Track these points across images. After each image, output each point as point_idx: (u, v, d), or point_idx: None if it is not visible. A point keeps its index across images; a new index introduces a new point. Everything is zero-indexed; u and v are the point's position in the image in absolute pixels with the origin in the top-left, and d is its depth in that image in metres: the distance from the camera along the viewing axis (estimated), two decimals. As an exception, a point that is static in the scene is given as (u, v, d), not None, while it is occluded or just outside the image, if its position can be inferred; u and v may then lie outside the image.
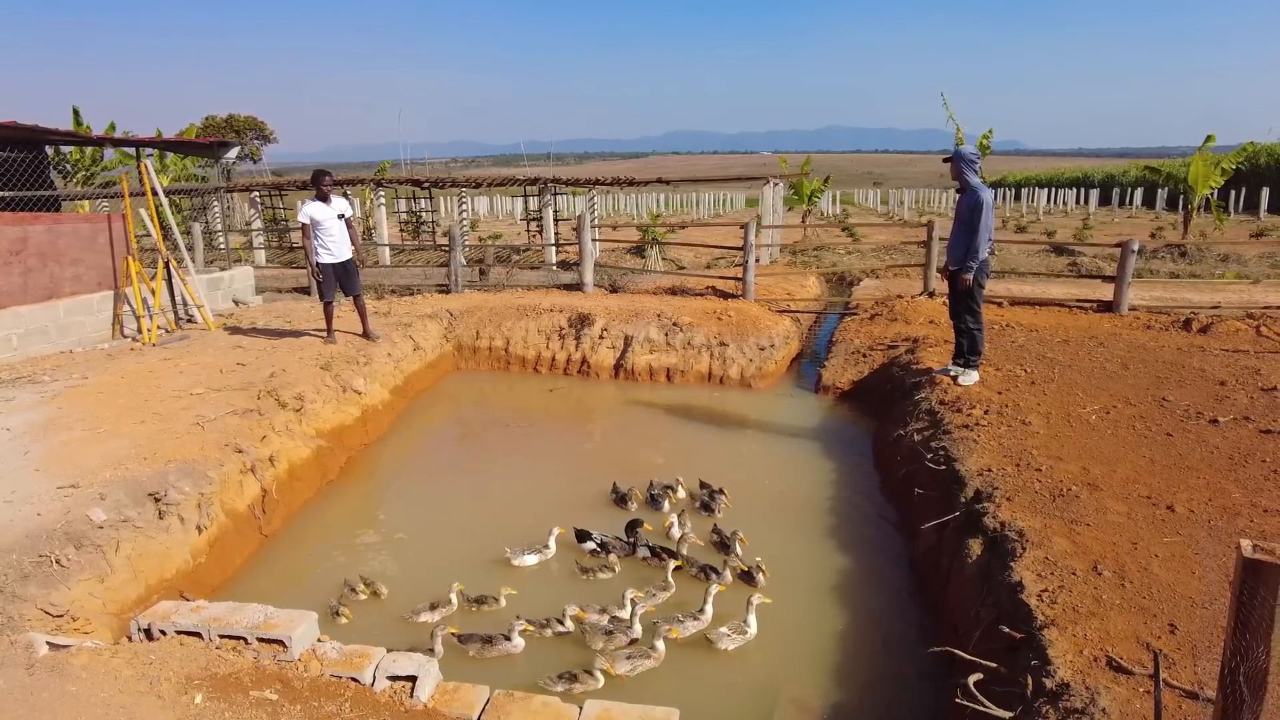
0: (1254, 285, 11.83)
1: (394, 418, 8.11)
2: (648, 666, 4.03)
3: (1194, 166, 17.21)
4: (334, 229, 8.28)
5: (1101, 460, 5.06)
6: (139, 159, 9.79)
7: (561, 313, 10.11)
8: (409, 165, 26.09)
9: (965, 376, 6.92)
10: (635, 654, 4.07)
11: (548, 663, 4.08)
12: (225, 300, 11.18)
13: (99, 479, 4.91)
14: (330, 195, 8.30)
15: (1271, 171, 35.47)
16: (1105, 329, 8.93)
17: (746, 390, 9.04)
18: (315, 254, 8.26)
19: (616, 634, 4.21)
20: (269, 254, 18.01)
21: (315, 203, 8.24)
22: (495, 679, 3.60)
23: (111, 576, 4.30)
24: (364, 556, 5.37)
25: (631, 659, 4.03)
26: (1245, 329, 8.65)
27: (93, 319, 8.98)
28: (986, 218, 6.38)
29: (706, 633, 4.27)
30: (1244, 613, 1.70)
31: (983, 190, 6.42)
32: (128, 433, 5.72)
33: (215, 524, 5.13)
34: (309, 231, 8.22)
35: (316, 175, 8.40)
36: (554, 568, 5.13)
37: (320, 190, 8.24)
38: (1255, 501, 4.40)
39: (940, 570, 4.66)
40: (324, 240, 8.25)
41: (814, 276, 14.14)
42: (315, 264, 8.28)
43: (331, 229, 8.26)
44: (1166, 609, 3.41)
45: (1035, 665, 3.19)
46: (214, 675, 3.36)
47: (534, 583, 4.93)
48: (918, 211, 36.56)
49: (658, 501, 5.89)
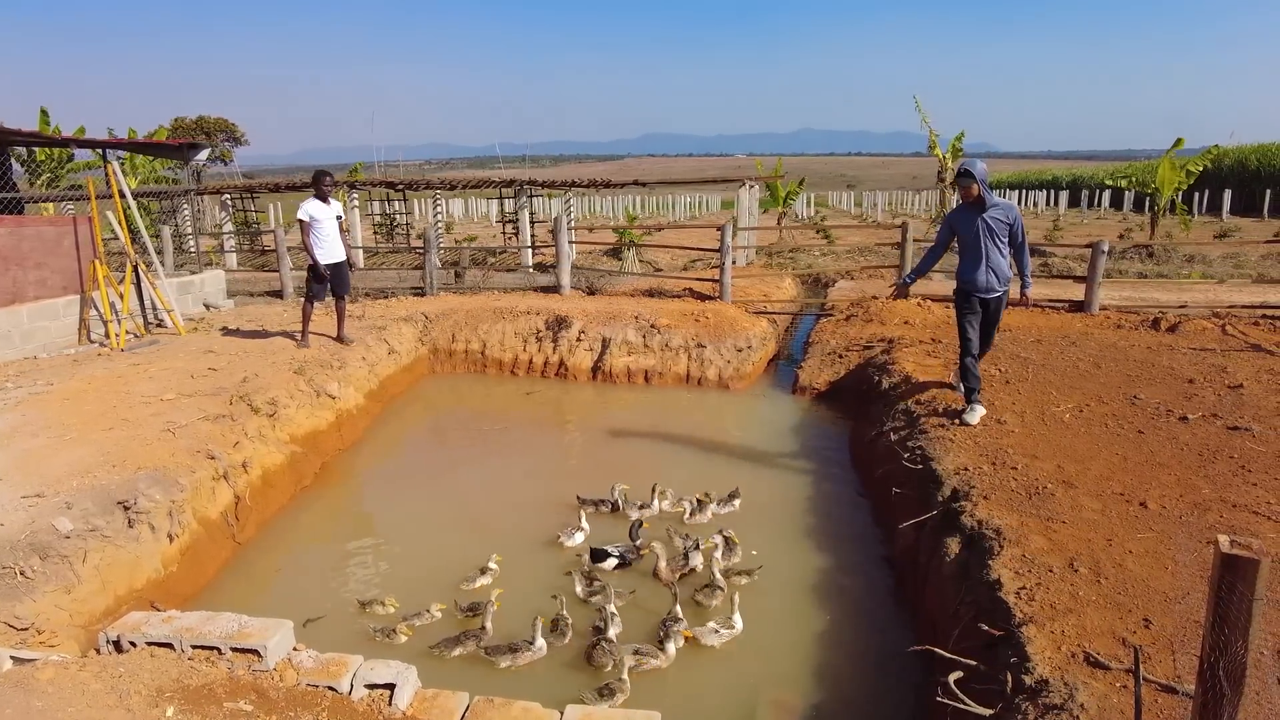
0: (1219, 285, 12.07)
1: (369, 422, 8.02)
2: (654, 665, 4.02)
3: (1161, 169, 17.54)
4: (330, 230, 8.41)
5: (1076, 458, 5.12)
6: (106, 161, 9.60)
7: (538, 315, 10.07)
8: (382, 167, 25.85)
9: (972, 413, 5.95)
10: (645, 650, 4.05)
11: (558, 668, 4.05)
12: (196, 304, 10.99)
13: (65, 487, 4.79)
14: (329, 196, 8.42)
15: (1234, 174, 36.27)
16: (1077, 328, 9.06)
17: (724, 391, 9.06)
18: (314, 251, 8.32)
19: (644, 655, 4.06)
20: (240, 257, 17.76)
21: (316, 201, 8.33)
22: (474, 686, 3.56)
23: (79, 587, 4.20)
24: (341, 563, 5.30)
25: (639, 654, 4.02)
26: (1211, 328, 8.82)
27: (58, 324, 8.78)
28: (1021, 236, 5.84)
29: (694, 629, 4.25)
30: (1222, 607, 1.72)
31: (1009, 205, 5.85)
32: (95, 440, 5.60)
33: (187, 532, 5.04)
34: (308, 229, 8.27)
35: (318, 175, 8.51)
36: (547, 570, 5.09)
37: (320, 190, 8.35)
38: (1224, 497, 4.48)
39: (919, 569, 4.69)
40: (320, 240, 8.33)
41: (790, 278, 14.21)
42: (315, 261, 8.33)
43: (328, 229, 8.39)
44: (1141, 604, 3.45)
45: (1014, 662, 3.22)
46: (186, 687, 3.29)
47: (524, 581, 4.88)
48: (891, 213, 36.87)
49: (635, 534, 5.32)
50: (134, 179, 18.35)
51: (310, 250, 8.32)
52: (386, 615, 4.54)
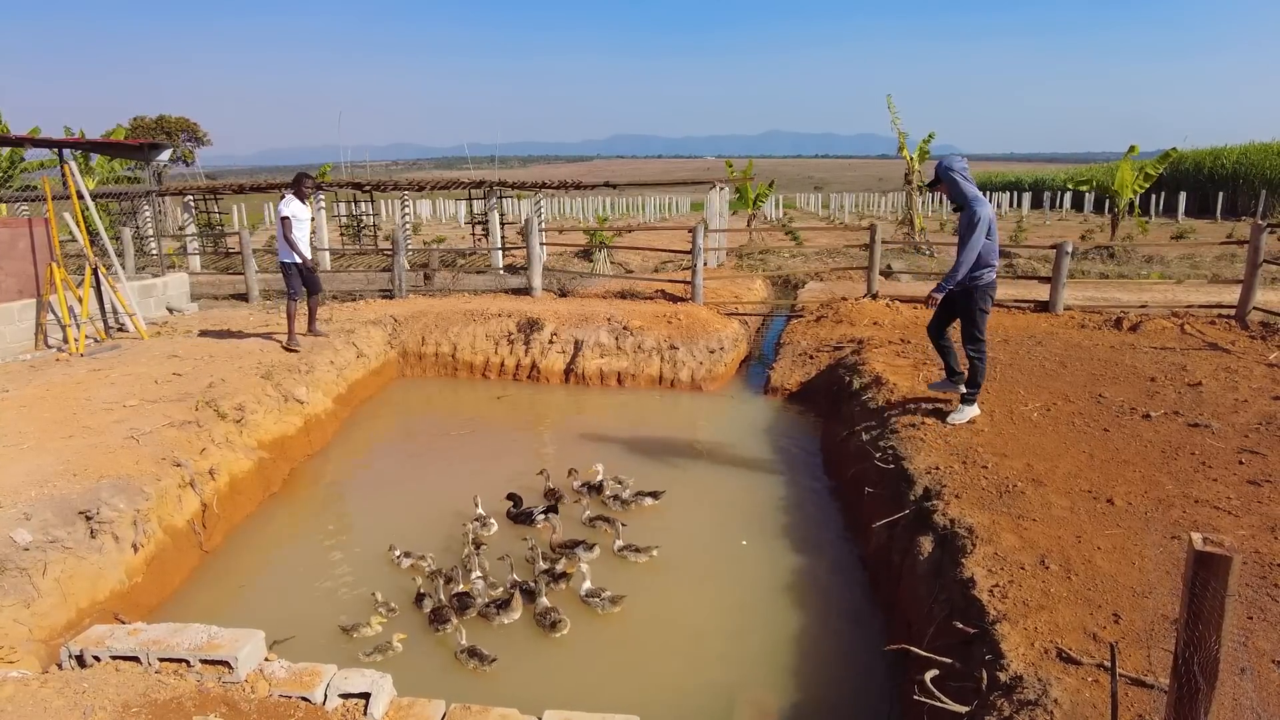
0: (1177, 285, 12.38)
1: (337, 427, 7.91)
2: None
3: (1120, 173, 17.95)
4: (307, 230, 8.62)
5: (1044, 456, 5.20)
6: (62, 161, 9.35)
7: (510, 317, 10.00)
8: (349, 168, 25.50)
9: (959, 414, 5.92)
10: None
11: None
12: (159, 308, 10.75)
13: (23, 498, 4.65)
14: (307, 198, 8.61)
15: (1189, 176, 37.25)
16: (1042, 328, 9.22)
17: (697, 393, 9.08)
18: (292, 250, 8.44)
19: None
20: (204, 260, 17.42)
21: (297, 201, 8.47)
22: (451, 692, 3.51)
23: (39, 601, 4.08)
24: (311, 570, 5.21)
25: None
26: (1171, 327, 9.03)
27: (13, 329, 8.52)
28: (979, 233, 5.38)
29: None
30: (1196, 604, 1.75)
31: (980, 204, 5.44)
32: (54, 448, 5.45)
33: (152, 541, 4.92)
34: (290, 225, 8.36)
35: (299, 177, 8.63)
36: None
37: (301, 191, 8.49)
38: (1187, 493, 4.58)
39: (892, 568, 4.73)
40: (299, 238, 8.47)
41: (760, 280, 14.28)
42: (293, 260, 8.47)
43: (306, 229, 8.60)
44: (1110, 599, 3.51)
45: (989, 659, 3.26)
46: (153, 702, 3.21)
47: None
48: (858, 215, 37.28)
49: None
50: (92, 180, 17.90)
51: (294, 247, 8.41)
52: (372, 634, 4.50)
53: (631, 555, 5.22)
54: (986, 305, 5.68)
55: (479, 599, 4.67)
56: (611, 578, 4.93)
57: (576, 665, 4.26)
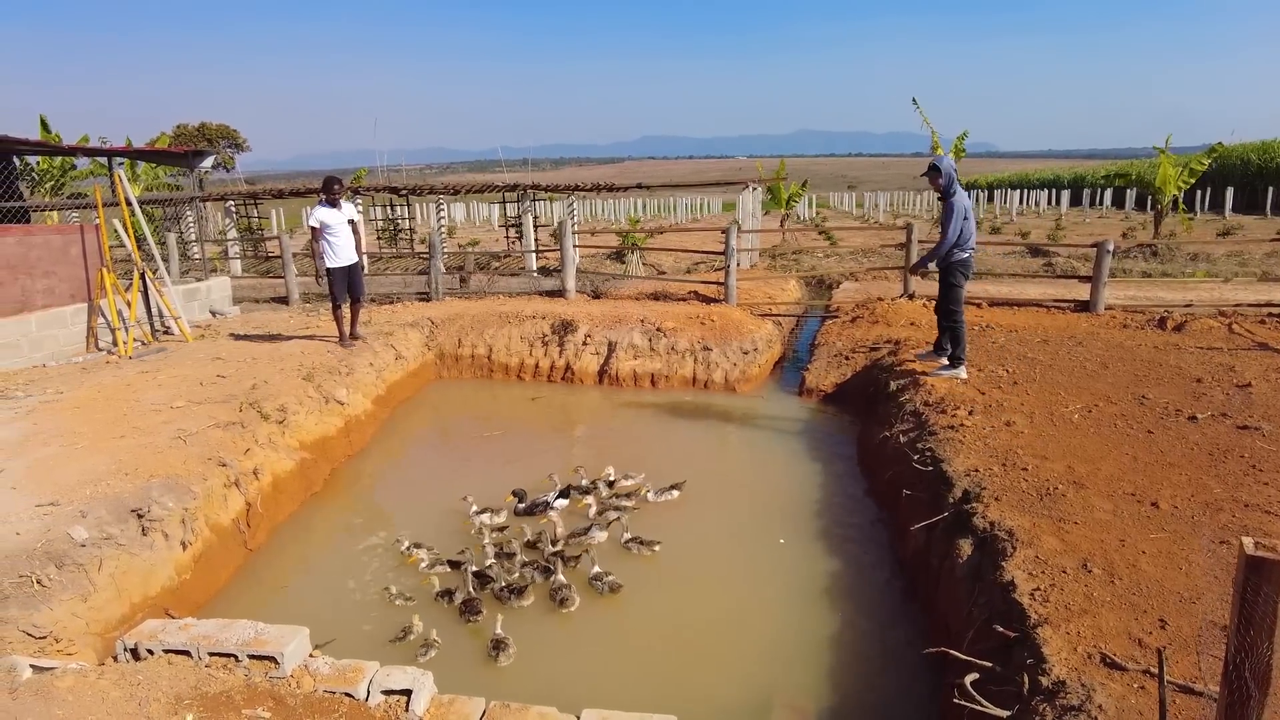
0: (1224, 284, 12.06)
1: (377, 428, 8.04)
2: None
3: (1162, 168, 17.52)
4: (342, 234, 8.56)
5: (1086, 458, 5.12)
6: (111, 169, 9.63)
7: (544, 319, 10.08)
8: (385, 172, 25.90)
9: (948, 370, 7.28)
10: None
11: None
12: (202, 311, 11.02)
13: (79, 496, 4.81)
14: (340, 201, 8.59)
15: (1236, 171, 36.24)
16: (1083, 328, 9.06)
17: (730, 394, 9.06)
18: (323, 257, 8.50)
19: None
20: (245, 264, 17.80)
21: (325, 207, 8.50)
22: (489, 691, 3.56)
23: (95, 595, 4.21)
24: (352, 569, 5.31)
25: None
26: (1218, 326, 8.82)
27: (66, 332, 8.80)
28: (956, 221, 6.87)
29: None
30: (1248, 609, 1.72)
31: (956, 196, 6.92)
32: (107, 448, 5.62)
33: (200, 539, 5.05)
34: (318, 235, 8.44)
35: (327, 182, 8.63)
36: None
37: (330, 196, 8.50)
38: (1235, 496, 4.48)
39: (930, 570, 4.69)
40: (333, 245, 8.49)
41: (794, 280, 14.21)
42: (325, 268, 8.51)
43: (340, 234, 8.54)
44: (1156, 605, 3.45)
45: (1030, 663, 3.22)
46: (204, 694, 3.30)
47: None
48: (893, 214, 36.88)
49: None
50: (138, 186, 18.39)
51: (316, 255, 8.49)
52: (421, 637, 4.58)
53: (636, 549, 5.36)
54: (958, 280, 7.11)
55: (498, 581, 4.90)
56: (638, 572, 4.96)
57: (613, 660, 4.29)
